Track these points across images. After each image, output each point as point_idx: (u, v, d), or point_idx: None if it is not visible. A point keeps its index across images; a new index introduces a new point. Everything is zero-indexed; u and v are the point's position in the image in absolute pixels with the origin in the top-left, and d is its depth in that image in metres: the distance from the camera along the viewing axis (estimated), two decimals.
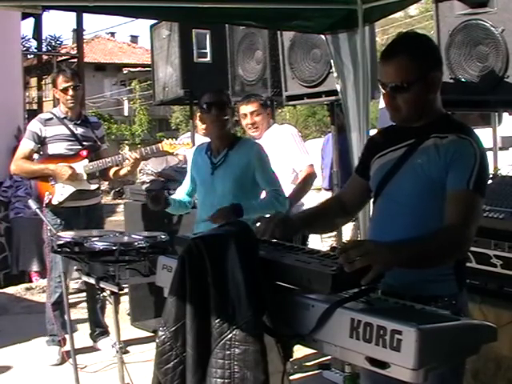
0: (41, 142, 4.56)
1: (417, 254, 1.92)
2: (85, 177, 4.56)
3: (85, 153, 4.59)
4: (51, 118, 4.61)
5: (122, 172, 4.70)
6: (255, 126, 4.41)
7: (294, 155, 4.43)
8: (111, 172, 4.72)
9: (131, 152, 4.53)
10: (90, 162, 4.57)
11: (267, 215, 2.45)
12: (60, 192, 4.53)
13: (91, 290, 4.64)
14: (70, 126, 4.60)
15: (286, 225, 2.23)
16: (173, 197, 3.75)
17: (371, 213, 2.47)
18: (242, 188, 3.49)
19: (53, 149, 4.56)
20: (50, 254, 4.43)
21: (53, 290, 4.56)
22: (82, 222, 4.51)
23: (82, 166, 4.55)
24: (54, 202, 4.49)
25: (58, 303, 4.53)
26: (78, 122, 4.65)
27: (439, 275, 2.11)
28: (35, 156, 4.67)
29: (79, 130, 4.63)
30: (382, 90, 2.17)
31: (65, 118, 4.61)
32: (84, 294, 5.29)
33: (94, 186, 4.66)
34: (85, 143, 4.62)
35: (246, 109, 4.40)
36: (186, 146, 4.51)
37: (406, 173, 2.17)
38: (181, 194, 3.80)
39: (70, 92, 4.55)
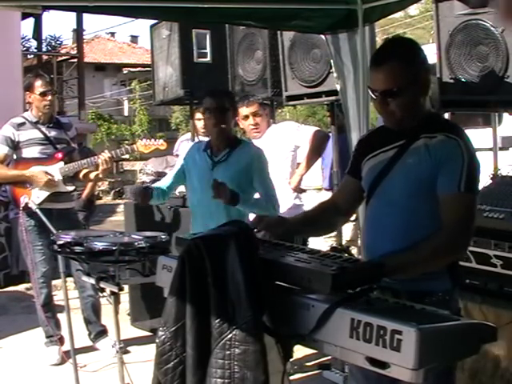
0: (14, 146, 4.53)
1: (413, 266, 2.03)
2: (61, 180, 4.55)
3: (60, 155, 4.58)
4: (24, 123, 4.57)
5: (92, 175, 4.64)
6: (257, 126, 4.43)
7: (294, 132, 4.54)
8: (81, 174, 4.66)
9: (103, 154, 4.47)
10: (65, 164, 4.56)
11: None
12: (37, 195, 4.49)
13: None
14: (43, 130, 4.59)
15: (283, 224, 2.27)
16: (155, 185, 3.78)
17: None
18: (239, 188, 3.49)
19: (27, 153, 4.54)
20: (29, 256, 4.43)
21: (38, 291, 4.54)
22: (55, 225, 4.13)
23: (57, 169, 4.54)
24: (31, 204, 4.42)
25: (47, 304, 4.53)
26: (51, 124, 4.63)
27: (433, 273, 2.14)
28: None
29: (52, 133, 4.61)
30: (373, 97, 2.18)
31: (37, 121, 4.59)
32: None
33: (70, 188, 4.65)
34: (58, 146, 4.61)
35: (246, 110, 4.40)
36: (160, 146, 4.51)
37: (397, 173, 2.20)
38: (162, 183, 3.81)
39: (49, 97, 4.55)
